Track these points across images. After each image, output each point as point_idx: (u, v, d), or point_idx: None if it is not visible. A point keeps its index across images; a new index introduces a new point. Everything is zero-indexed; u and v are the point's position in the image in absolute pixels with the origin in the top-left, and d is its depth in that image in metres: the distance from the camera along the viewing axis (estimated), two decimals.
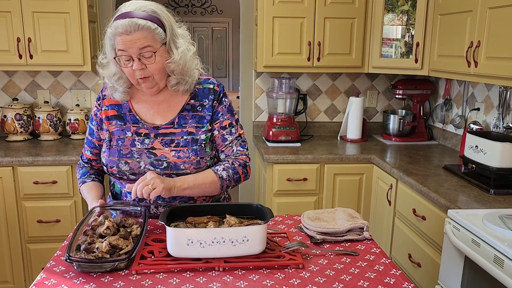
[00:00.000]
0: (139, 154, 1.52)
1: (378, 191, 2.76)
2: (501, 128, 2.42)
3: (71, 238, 1.28)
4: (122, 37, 1.39)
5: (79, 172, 1.67)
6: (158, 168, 1.51)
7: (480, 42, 2.16)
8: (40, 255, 2.75)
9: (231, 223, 1.35)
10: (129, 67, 1.44)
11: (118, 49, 1.42)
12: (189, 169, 1.51)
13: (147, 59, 1.43)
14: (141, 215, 1.44)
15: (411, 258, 2.31)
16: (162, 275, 1.23)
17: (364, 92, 3.47)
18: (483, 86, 2.70)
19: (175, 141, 1.53)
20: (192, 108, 1.57)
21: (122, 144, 1.53)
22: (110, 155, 1.53)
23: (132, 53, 1.41)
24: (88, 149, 1.66)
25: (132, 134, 1.54)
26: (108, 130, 1.56)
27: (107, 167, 1.54)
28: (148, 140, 1.53)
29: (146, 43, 1.40)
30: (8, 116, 3.02)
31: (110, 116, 1.57)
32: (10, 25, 2.75)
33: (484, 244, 1.57)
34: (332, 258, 1.35)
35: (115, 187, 1.66)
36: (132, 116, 1.56)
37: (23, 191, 2.66)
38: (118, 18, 1.40)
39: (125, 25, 1.37)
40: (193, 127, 1.55)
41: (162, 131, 1.54)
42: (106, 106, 1.59)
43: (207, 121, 1.57)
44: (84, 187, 1.61)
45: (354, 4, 2.95)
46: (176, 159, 1.51)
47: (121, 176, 1.53)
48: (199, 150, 1.53)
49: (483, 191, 2.09)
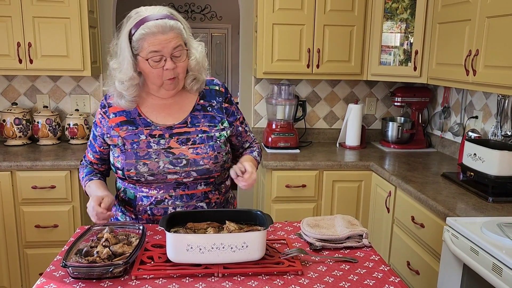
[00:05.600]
0: (157, 155, 1.54)
1: (377, 198, 2.77)
2: (499, 136, 2.43)
3: (67, 251, 1.27)
4: (158, 36, 1.42)
5: (83, 171, 1.68)
6: (177, 166, 1.53)
7: (479, 51, 2.18)
8: (37, 260, 2.74)
9: (230, 229, 1.36)
10: (158, 68, 1.46)
11: (150, 51, 1.43)
12: (208, 164, 1.55)
13: (178, 58, 1.47)
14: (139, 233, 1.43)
15: (410, 266, 2.31)
16: (162, 280, 1.22)
17: (363, 99, 3.48)
18: (481, 94, 2.71)
19: (191, 139, 1.57)
20: (202, 108, 1.62)
21: (138, 146, 1.54)
22: (127, 158, 1.54)
23: (166, 53, 1.44)
24: (91, 152, 1.68)
25: (146, 137, 1.55)
26: (119, 135, 1.56)
27: (123, 171, 1.54)
28: (164, 140, 1.55)
29: (178, 42, 1.46)
30: (7, 120, 3.02)
31: (120, 122, 1.58)
32: (10, 29, 2.76)
33: (483, 252, 1.57)
34: (331, 265, 1.35)
35: (126, 193, 1.61)
36: (142, 120, 1.58)
37: (21, 196, 2.65)
38: (146, 21, 1.42)
39: (159, 25, 1.41)
40: (206, 126, 1.60)
41: (176, 131, 1.57)
42: (113, 113, 1.59)
43: (219, 121, 1.62)
44: (92, 184, 1.61)
45: (353, 12, 2.97)
46: (195, 155, 1.55)
47: (138, 178, 1.54)
48: (215, 146, 1.58)
49: (482, 199, 2.09)
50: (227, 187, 1.71)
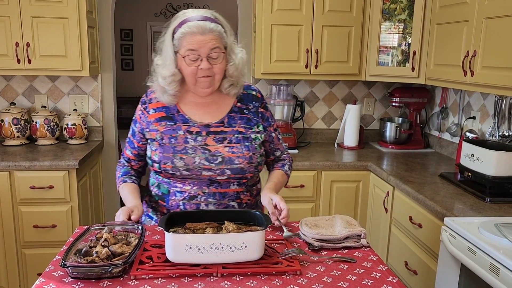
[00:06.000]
0: (194, 150, 1.57)
1: (375, 198, 2.77)
2: (497, 136, 2.44)
3: (66, 251, 1.27)
4: (196, 36, 1.48)
5: (120, 170, 1.72)
6: (212, 163, 1.56)
7: (476, 52, 2.19)
8: (35, 261, 2.74)
9: (229, 229, 1.36)
10: (193, 67, 1.52)
11: (187, 49, 1.50)
12: (242, 164, 1.58)
13: (214, 59, 1.52)
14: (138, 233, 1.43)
15: (408, 266, 2.32)
16: (161, 280, 1.23)
17: (361, 99, 3.49)
18: (479, 95, 2.72)
19: (227, 139, 1.60)
20: (239, 110, 1.66)
21: (175, 141, 1.59)
22: (164, 152, 1.58)
23: (202, 53, 1.49)
24: (129, 148, 1.72)
25: (184, 132, 1.60)
26: (158, 130, 1.62)
27: (159, 164, 1.58)
28: (201, 137, 1.59)
29: (216, 44, 1.51)
30: (5, 120, 3.02)
31: (159, 118, 1.63)
32: (9, 29, 2.76)
33: (480, 252, 1.58)
34: (330, 265, 1.35)
35: (160, 188, 1.65)
36: (181, 116, 1.62)
37: (19, 196, 2.65)
38: (188, 21, 1.50)
39: (199, 26, 1.48)
40: (242, 127, 1.64)
41: (213, 129, 1.61)
42: (153, 109, 1.65)
43: (254, 124, 1.67)
44: (125, 187, 1.66)
45: (351, 13, 2.98)
46: (230, 154, 1.58)
47: (174, 172, 1.57)
48: (250, 147, 1.62)
49: (479, 199, 2.10)
50: (258, 190, 1.75)
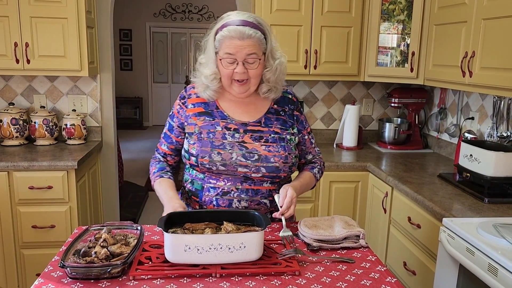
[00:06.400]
0: (231, 146, 1.60)
1: (374, 199, 2.78)
2: (495, 137, 2.45)
3: (65, 251, 1.28)
4: (234, 41, 1.52)
5: (156, 166, 1.73)
6: (249, 159, 1.59)
7: (475, 53, 2.19)
8: (34, 261, 2.73)
9: (228, 230, 1.36)
10: (229, 69, 1.56)
11: (225, 52, 1.54)
12: (278, 163, 1.60)
13: (250, 64, 1.55)
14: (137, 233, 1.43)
15: (406, 266, 2.32)
16: (160, 281, 1.23)
17: (360, 100, 3.49)
18: (478, 95, 2.73)
19: (264, 138, 1.63)
20: (275, 112, 1.70)
21: (214, 136, 1.61)
22: (203, 146, 1.60)
23: (239, 57, 1.53)
24: (166, 143, 1.74)
25: (222, 128, 1.63)
26: (196, 124, 1.65)
27: (197, 158, 1.59)
28: (238, 134, 1.62)
29: (253, 50, 1.53)
30: (4, 120, 3.02)
31: (198, 112, 1.67)
32: (7, 29, 2.76)
33: (479, 253, 1.58)
34: (329, 266, 1.36)
35: (194, 184, 1.67)
36: (220, 113, 1.66)
37: (18, 196, 2.65)
38: (228, 25, 1.53)
39: (239, 31, 1.51)
40: (278, 128, 1.67)
41: (250, 128, 1.64)
42: (192, 104, 1.68)
43: (289, 125, 1.70)
44: (163, 182, 1.65)
45: (350, 13, 2.98)
46: (267, 152, 1.60)
47: (210, 167, 1.59)
48: (286, 147, 1.64)
49: (478, 199, 2.10)
50: None
